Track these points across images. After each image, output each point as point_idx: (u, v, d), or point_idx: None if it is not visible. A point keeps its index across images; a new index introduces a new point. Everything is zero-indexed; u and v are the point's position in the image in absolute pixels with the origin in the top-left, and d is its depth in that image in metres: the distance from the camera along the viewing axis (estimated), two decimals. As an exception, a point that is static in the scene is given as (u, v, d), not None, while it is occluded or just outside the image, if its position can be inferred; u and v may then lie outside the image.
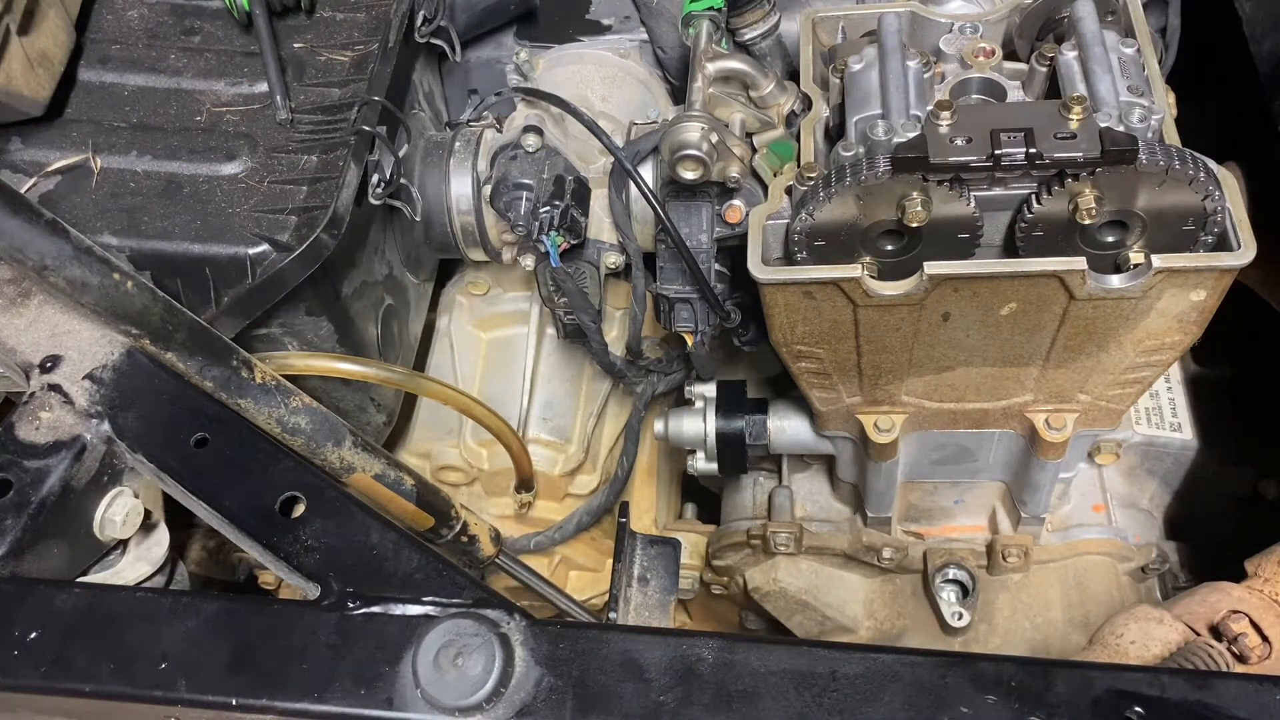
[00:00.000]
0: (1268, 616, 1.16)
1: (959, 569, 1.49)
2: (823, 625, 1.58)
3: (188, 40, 1.41)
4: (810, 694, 0.86)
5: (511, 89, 1.52)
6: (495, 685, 0.86)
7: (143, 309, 1.09)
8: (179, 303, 1.14)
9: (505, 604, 0.93)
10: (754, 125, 1.30)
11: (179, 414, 1.09)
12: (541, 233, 1.36)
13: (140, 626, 0.93)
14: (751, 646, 0.89)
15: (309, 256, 1.23)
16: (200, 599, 0.96)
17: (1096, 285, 1.04)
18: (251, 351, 1.20)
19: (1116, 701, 0.84)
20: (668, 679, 0.87)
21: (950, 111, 1.01)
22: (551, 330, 1.70)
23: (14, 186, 1.04)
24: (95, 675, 0.91)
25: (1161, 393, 1.56)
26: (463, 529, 1.40)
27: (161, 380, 1.11)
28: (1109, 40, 1.13)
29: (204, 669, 0.90)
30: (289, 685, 0.89)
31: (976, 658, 0.89)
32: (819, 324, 1.14)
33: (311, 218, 1.23)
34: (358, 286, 1.44)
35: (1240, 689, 0.84)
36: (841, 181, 1.03)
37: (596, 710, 0.86)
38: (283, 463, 1.08)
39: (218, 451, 1.08)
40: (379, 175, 1.36)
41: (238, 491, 1.05)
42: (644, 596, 1.42)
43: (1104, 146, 0.97)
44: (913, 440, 1.35)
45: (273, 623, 0.93)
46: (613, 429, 1.77)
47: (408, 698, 0.88)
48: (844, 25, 1.28)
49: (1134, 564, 1.53)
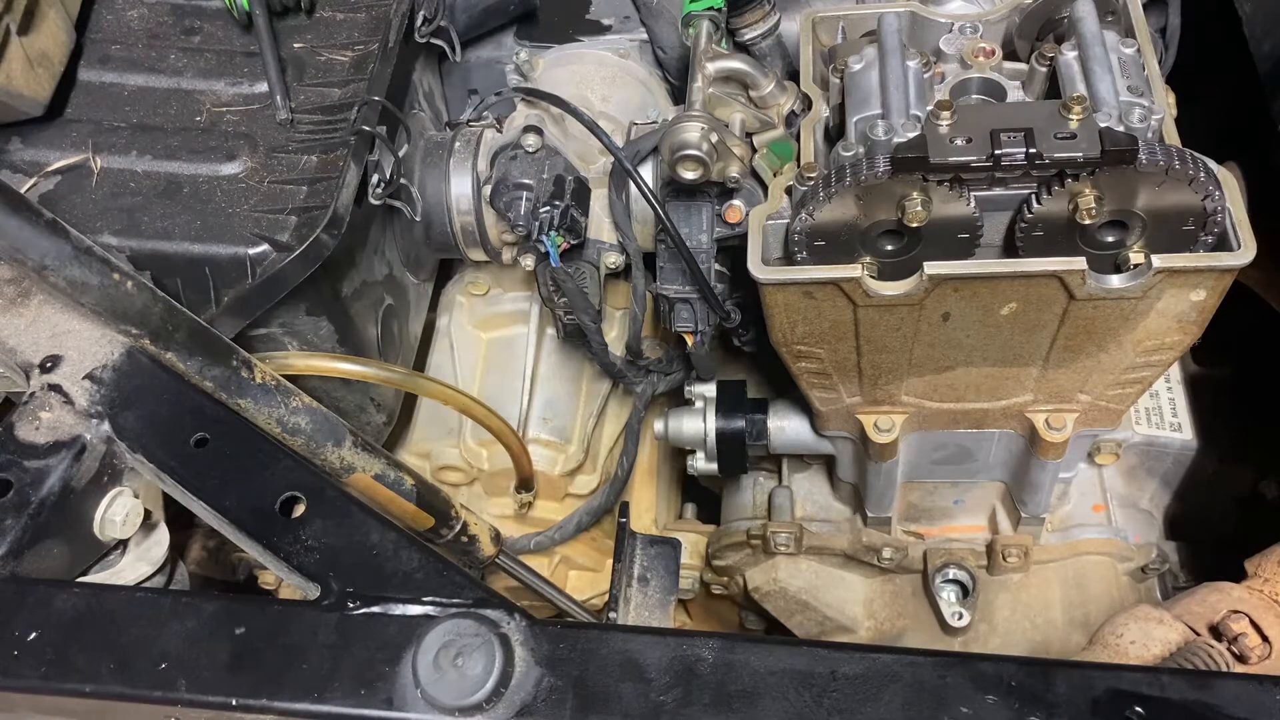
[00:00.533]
0: (1267, 616, 1.16)
1: (959, 569, 1.49)
2: (823, 625, 1.58)
3: (188, 40, 1.41)
4: (810, 694, 0.86)
5: (511, 89, 1.52)
6: (495, 685, 0.86)
7: (143, 309, 1.09)
8: (179, 303, 1.14)
9: (505, 604, 0.93)
10: (754, 125, 1.30)
11: (179, 414, 1.09)
12: (541, 233, 1.36)
13: (140, 626, 0.93)
14: (751, 646, 0.89)
15: (309, 256, 1.23)
16: (200, 599, 0.96)
17: (1096, 285, 1.04)
18: (251, 351, 1.20)
19: (1116, 701, 0.84)
20: (668, 679, 0.87)
21: (950, 111, 1.01)
22: (551, 330, 1.70)
23: (14, 186, 1.04)
24: (95, 675, 0.91)
25: (1161, 393, 1.56)
26: (463, 529, 1.40)
27: (161, 380, 1.11)
28: (1109, 40, 1.13)
29: (204, 669, 0.90)
30: (289, 685, 0.89)
31: (976, 658, 0.89)
32: (819, 324, 1.14)
33: (311, 218, 1.23)
34: (358, 286, 1.44)
35: (1240, 689, 0.84)
36: (841, 181, 1.03)
37: (596, 710, 0.86)
38: (283, 463, 1.08)
39: (218, 451, 1.07)
40: (379, 175, 1.36)
41: (238, 491, 1.05)
42: (644, 596, 1.42)
43: (1104, 146, 0.97)
44: (913, 440, 1.35)
45: (273, 623, 0.93)
46: (613, 429, 1.77)
47: (408, 698, 0.88)
48: (844, 25, 1.28)
49: (1134, 564, 1.53)
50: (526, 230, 1.37)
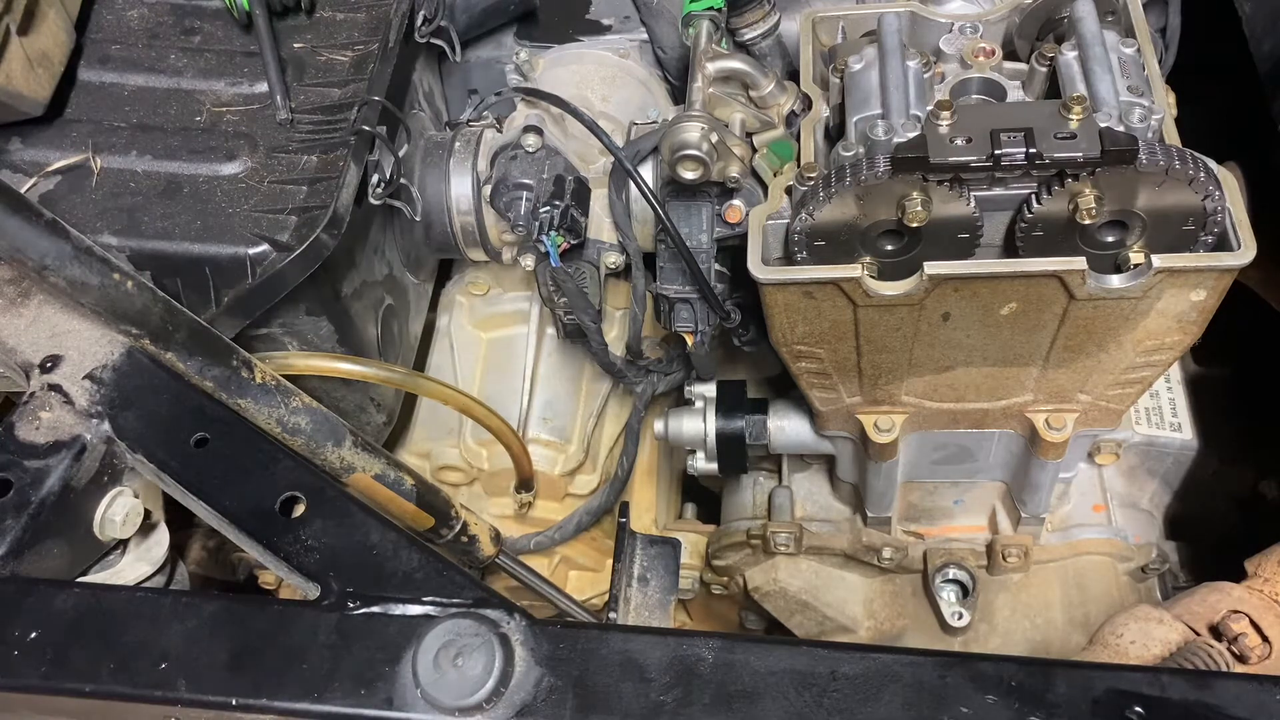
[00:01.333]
0: (1267, 616, 1.16)
1: (959, 569, 1.49)
2: (823, 625, 1.58)
3: (188, 40, 1.41)
4: (810, 694, 0.86)
5: (511, 89, 1.52)
6: (495, 685, 0.86)
7: (143, 309, 1.09)
8: (179, 303, 1.14)
9: (505, 604, 0.93)
10: (754, 125, 1.30)
11: (179, 414, 1.09)
12: (541, 233, 1.36)
13: (140, 626, 0.93)
14: (751, 646, 0.89)
15: (309, 256, 1.23)
16: (200, 599, 0.96)
17: (1096, 285, 1.04)
18: (251, 351, 1.20)
19: (1116, 701, 0.84)
20: (668, 679, 0.87)
21: (950, 111, 1.01)
22: (551, 330, 1.70)
23: (14, 186, 1.04)
24: (95, 675, 0.90)
25: (1161, 393, 1.56)
26: (463, 529, 1.40)
27: (161, 380, 1.11)
28: (1109, 40, 1.13)
29: (204, 669, 0.90)
30: (289, 685, 0.89)
31: (976, 657, 0.89)
32: (819, 324, 1.14)
33: (311, 218, 1.23)
34: (358, 286, 1.44)
35: (1240, 689, 0.84)
36: (841, 181, 1.03)
37: (596, 710, 0.86)
38: (283, 463, 1.08)
39: (218, 451, 1.07)
40: (379, 175, 1.36)
41: (238, 491, 1.05)
42: (644, 596, 1.42)
43: (1104, 146, 0.97)
44: (913, 440, 1.35)
45: (273, 623, 0.93)
46: (613, 429, 1.77)
47: (408, 698, 0.88)
48: (844, 25, 1.28)
49: (1134, 564, 1.53)
50: (526, 230, 1.37)
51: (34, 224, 0.99)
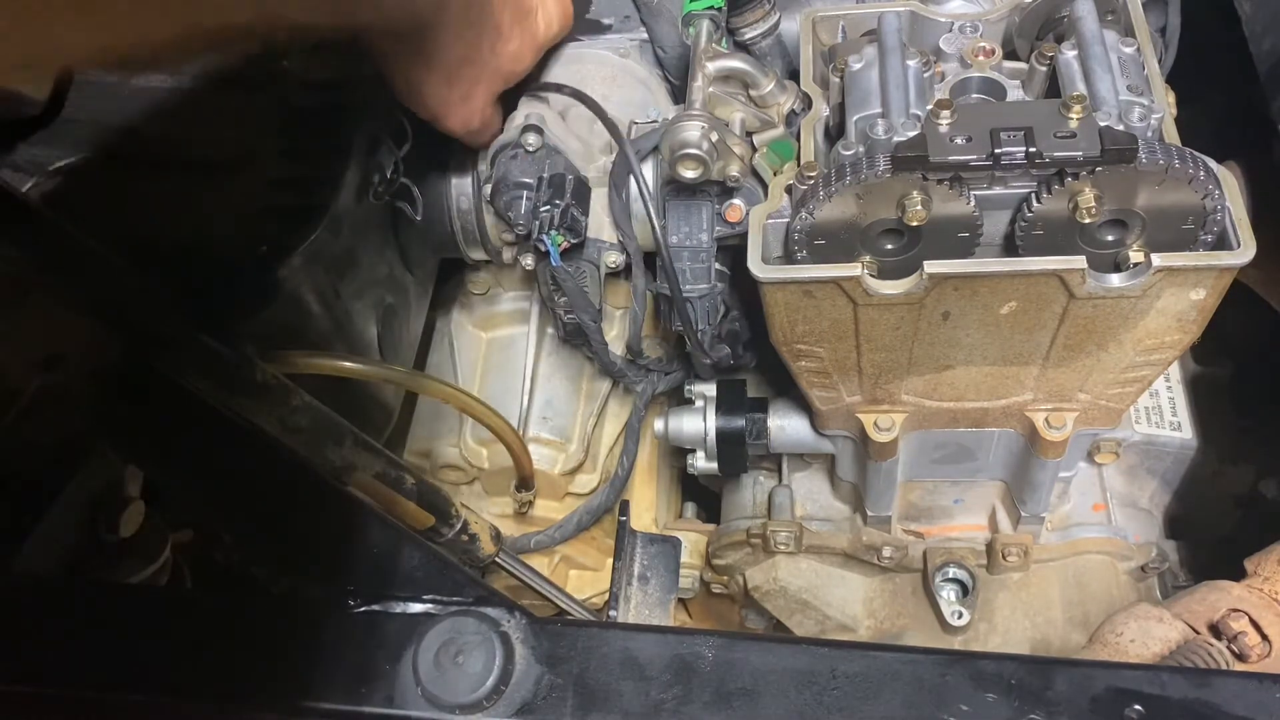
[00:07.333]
0: (1267, 615, 1.16)
1: (959, 568, 1.49)
2: (823, 624, 1.58)
3: (188, 40, 1.41)
4: (810, 692, 0.86)
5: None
6: (496, 683, 0.86)
7: (143, 308, 1.09)
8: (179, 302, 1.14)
9: (506, 602, 0.93)
10: (754, 124, 1.30)
11: (179, 413, 1.09)
12: (541, 232, 1.36)
13: (140, 625, 0.93)
14: (752, 644, 0.89)
15: (309, 256, 1.23)
16: (200, 597, 0.96)
17: (1096, 284, 1.04)
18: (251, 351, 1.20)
19: (1116, 699, 0.84)
20: (668, 677, 0.87)
21: (950, 110, 1.01)
22: (551, 330, 1.70)
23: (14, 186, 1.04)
24: (95, 675, 0.91)
25: (1161, 392, 1.56)
26: (463, 528, 1.40)
27: (161, 380, 1.11)
28: (1109, 40, 1.13)
29: (203, 669, 0.91)
30: (289, 684, 0.89)
31: (976, 656, 0.89)
32: (819, 323, 1.14)
33: (311, 217, 1.23)
34: (358, 286, 1.44)
35: (1240, 687, 0.85)
36: (841, 180, 1.03)
37: (597, 708, 0.86)
38: (283, 461, 1.08)
39: (219, 451, 1.08)
40: (379, 175, 1.36)
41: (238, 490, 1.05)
42: (644, 595, 1.42)
43: (1104, 145, 0.97)
44: (913, 439, 1.35)
45: (272, 621, 0.93)
46: (613, 428, 1.77)
47: (408, 696, 0.88)
48: (844, 25, 1.28)
49: (1134, 563, 1.53)
50: (526, 229, 1.37)
51: (35, 223, 1.00)
